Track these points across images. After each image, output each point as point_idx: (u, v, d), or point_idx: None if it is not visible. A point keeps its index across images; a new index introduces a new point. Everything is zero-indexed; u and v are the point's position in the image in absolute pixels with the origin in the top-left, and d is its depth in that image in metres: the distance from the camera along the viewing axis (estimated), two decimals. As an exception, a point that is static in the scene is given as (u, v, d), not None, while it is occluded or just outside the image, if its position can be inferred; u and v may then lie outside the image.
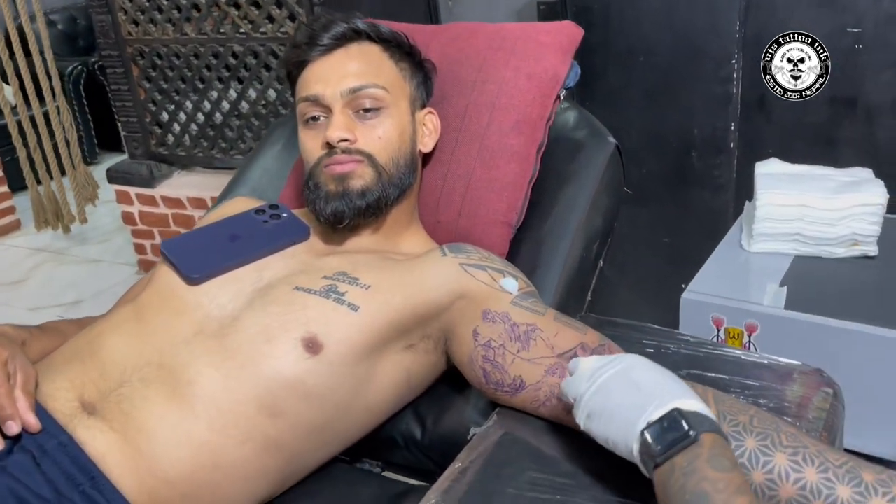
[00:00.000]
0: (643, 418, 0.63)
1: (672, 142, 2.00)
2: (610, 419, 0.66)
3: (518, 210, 1.06)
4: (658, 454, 0.61)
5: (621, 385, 0.67)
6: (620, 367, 0.68)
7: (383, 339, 0.88)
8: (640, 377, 0.67)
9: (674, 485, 0.59)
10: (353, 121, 0.96)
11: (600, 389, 0.67)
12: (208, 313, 0.89)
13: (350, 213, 0.94)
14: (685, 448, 0.60)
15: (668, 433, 0.61)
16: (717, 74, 1.88)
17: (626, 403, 0.65)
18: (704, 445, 0.60)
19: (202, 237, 0.97)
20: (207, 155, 2.52)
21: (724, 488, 0.57)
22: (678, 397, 0.64)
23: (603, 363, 0.70)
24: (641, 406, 0.64)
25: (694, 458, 0.59)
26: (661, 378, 0.67)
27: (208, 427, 0.80)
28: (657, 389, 0.65)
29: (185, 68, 2.41)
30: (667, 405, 0.63)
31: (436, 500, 0.74)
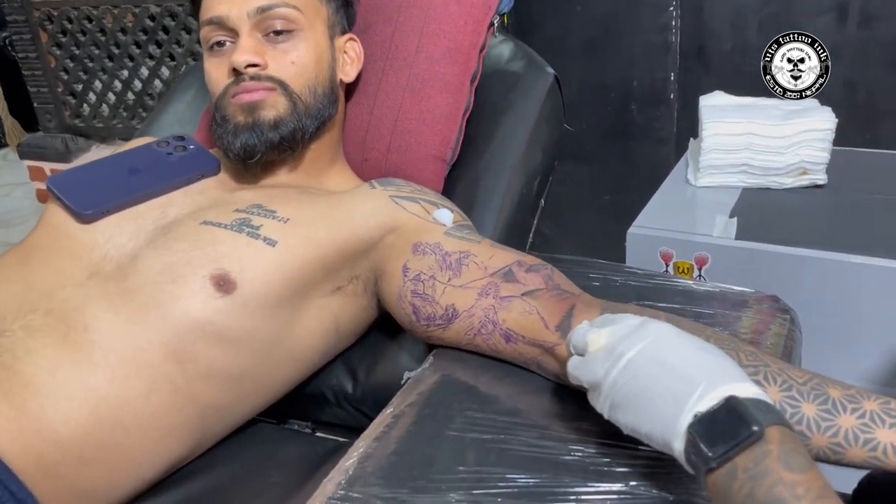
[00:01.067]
0: (687, 411, 0.50)
1: (611, 94, 1.95)
2: (641, 411, 0.53)
3: (452, 144, 0.98)
4: (714, 457, 0.48)
5: (651, 365, 0.53)
6: (646, 341, 0.55)
7: (306, 279, 0.79)
8: (674, 354, 0.54)
9: (738, 490, 0.47)
10: (262, 44, 0.86)
11: (625, 372, 0.54)
12: (105, 254, 0.79)
13: (262, 146, 0.84)
14: (749, 447, 0.48)
15: (724, 429, 0.48)
16: (655, 22, 1.84)
17: (662, 390, 0.52)
18: (773, 441, 0.47)
19: (96, 171, 0.86)
20: (127, 126, 2.37)
21: (805, 494, 0.45)
22: (730, 380, 0.51)
23: (620, 335, 0.56)
24: (683, 394, 0.51)
25: (762, 458, 0.47)
26: (702, 354, 0.54)
27: (107, 378, 0.71)
28: (700, 370, 0.52)
29: (99, 33, 2.26)
30: (718, 392, 0.50)
31: (364, 447, 0.66)
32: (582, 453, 0.63)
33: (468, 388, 0.72)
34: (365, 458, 0.64)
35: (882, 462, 0.56)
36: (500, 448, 0.63)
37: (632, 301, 0.83)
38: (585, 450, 0.63)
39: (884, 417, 0.56)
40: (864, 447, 0.56)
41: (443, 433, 0.66)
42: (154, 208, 0.83)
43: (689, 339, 0.56)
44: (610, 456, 0.61)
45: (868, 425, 0.56)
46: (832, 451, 0.57)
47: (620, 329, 0.57)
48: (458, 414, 0.68)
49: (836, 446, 0.57)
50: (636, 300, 0.84)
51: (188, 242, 0.77)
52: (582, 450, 0.63)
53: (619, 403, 0.55)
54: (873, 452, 0.56)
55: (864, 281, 1.02)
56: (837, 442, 0.57)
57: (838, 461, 0.58)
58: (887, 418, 0.56)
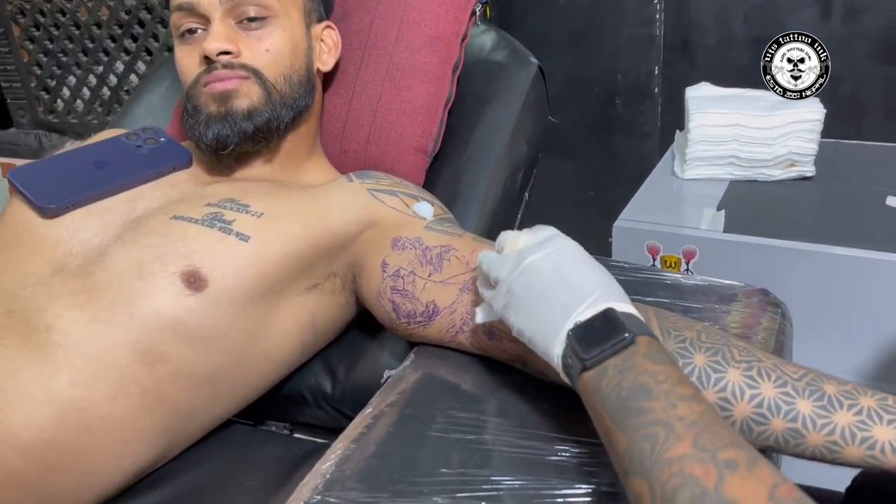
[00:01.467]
0: (571, 318, 0.54)
1: (595, 88, 1.93)
2: (530, 312, 0.57)
3: (434, 136, 0.95)
4: (590, 357, 0.52)
5: (549, 274, 0.57)
6: (550, 250, 0.58)
7: (281, 276, 0.76)
8: (571, 268, 0.57)
9: (606, 385, 0.51)
10: (235, 31, 0.83)
11: (524, 272, 0.57)
12: (70, 249, 0.75)
13: (235, 137, 0.81)
14: (620, 351, 0.52)
15: (600, 335, 0.53)
16: (640, 15, 1.82)
17: (552, 297, 0.56)
18: (641, 345, 0.52)
19: (60, 164, 0.82)
20: (102, 122, 2.32)
21: (665, 379, 0.49)
22: (612, 299, 0.55)
23: (533, 242, 0.60)
24: (569, 304, 0.55)
25: (630, 356, 0.51)
26: (595, 274, 0.57)
27: (72, 380, 0.67)
28: (589, 286, 0.56)
29: (73, 26, 2.21)
30: (599, 307, 0.54)
31: (342, 450, 0.63)
32: (568, 453, 0.60)
33: (451, 387, 0.69)
34: (343, 461, 0.62)
35: (880, 461, 0.54)
36: (485, 449, 0.61)
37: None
38: (571, 449, 0.60)
39: (881, 414, 0.54)
40: (861, 445, 0.54)
41: (425, 434, 0.63)
42: (122, 202, 0.80)
43: (590, 260, 0.59)
44: (597, 455, 0.59)
45: (865, 422, 0.54)
46: (828, 450, 0.55)
47: (535, 237, 0.60)
48: (441, 413, 0.65)
49: (832, 444, 0.55)
50: (623, 294, 0.81)
51: (157, 238, 0.74)
52: (568, 449, 0.61)
53: (512, 304, 0.58)
54: (871, 451, 0.54)
55: (854, 273, 1.01)
56: (834, 440, 0.55)
57: (834, 460, 0.56)
58: (885, 415, 0.54)
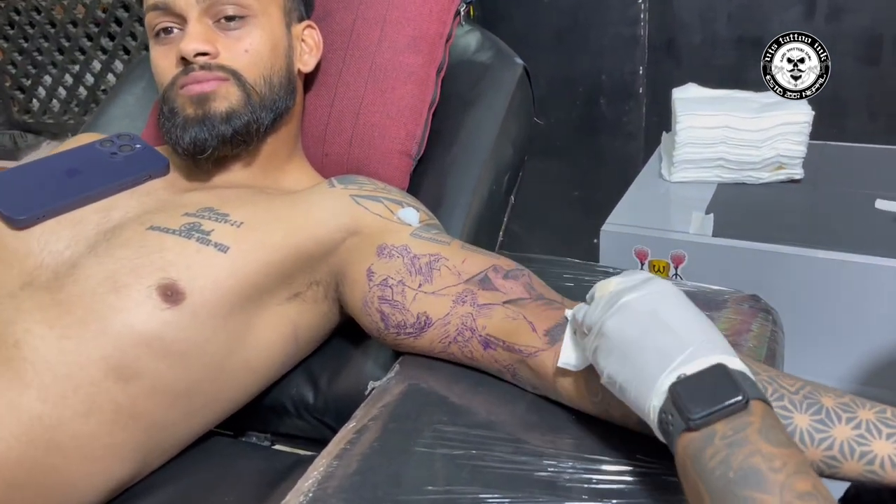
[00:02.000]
0: (673, 368, 0.48)
1: (580, 88, 1.92)
2: (623, 357, 0.51)
3: (418, 139, 0.93)
4: (695, 418, 0.46)
5: (645, 316, 0.51)
6: (647, 291, 0.53)
7: (261, 286, 0.74)
8: (672, 312, 0.52)
9: (711, 457, 0.45)
10: (213, 31, 0.80)
11: (618, 312, 0.52)
12: (40, 262, 0.72)
13: (213, 140, 0.78)
14: (731, 415, 0.46)
15: (709, 393, 0.47)
16: (624, 15, 1.81)
17: (649, 343, 0.50)
18: (755, 414, 0.45)
19: (30, 173, 0.80)
20: (79, 122, 2.29)
21: (782, 467, 0.43)
22: (721, 351, 0.49)
23: (626, 284, 0.54)
24: (669, 352, 0.49)
25: (742, 427, 0.45)
26: (699, 321, 0.51)
27: (41, 397, 0.64)
28: (693, 333, 0.50)
29: (48, 25, 2.17)
30: (707, 359, 0.48)
31: (325, 466, 0.61)
32: (557, 468, 0.58)
33: (438, 399, 0.67)
34: (326, 479, 0.59)
35: (879, 476, 0.52)
36: (473, 465, 0.59)
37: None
38: (562, 465, 0.59)
39: (881, 428, 0.52)
40: (860, 460, 0.52)
41: (410, 449, 0.61)
42: (96, 212, 0.77)
43: (689, 303, 0.53)
44: (588, 472, 0.57)
45: (864, 436, 0.52)
46: (827, 465, 0.54)
47: (628, 280, 0.55)
48: (427, 427, 0.63)
49: (831, 459, 0.53)
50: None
51: (133, 249, 0.71)
52: (558, 465, 0.59)
53: (603, 347, 0.53)
54: (870, 466, 0.52)
55: (844, 278, 1.00)
56: (832, 455, 0.53)
57: (833, 475, 0.54)
58: (884, 428, 0.52)
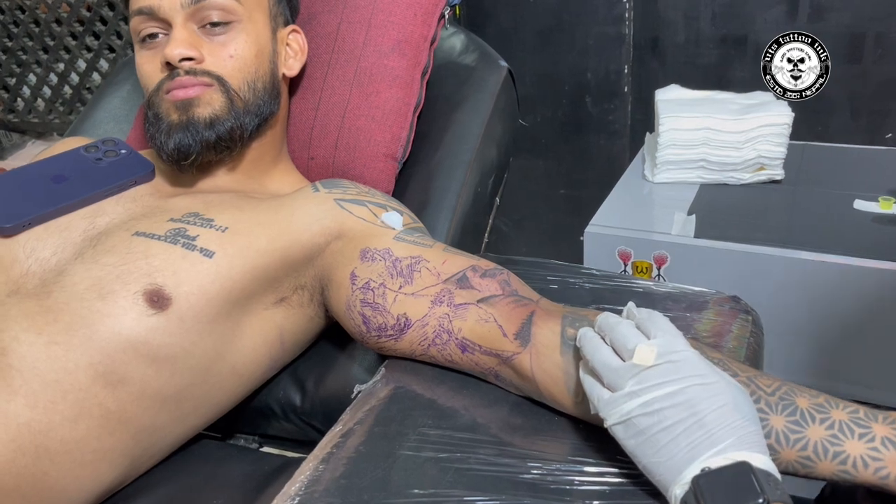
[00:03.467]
0: (700, 460, 0.50)
1: (565, 87, 1.93)
2: (652, 443, 0.52)
3: (403, 141, 0.94)
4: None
5: (682, 407, 0.51)
6: (688, 384, 0.52)
7: (247, 291, 0.74)
8: (709, 405, 0.51)
9: None
10: (198, 37, 0.80)
11: (652, 403, 0.52)
12: (27, 269, 0.73)
13: (197, 146, 0.79)
14: None
15: (730, 491, 0.48)
16: (609, 14, 1.81)
17: (681, 435, 0.51)
18: None
19: (16, 180, 0.79)
20: (64, 121, 2.28)
21: None
22: (749, 448, 0.50)
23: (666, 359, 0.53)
24: (699, 444, 0.50)
25: None
26: (736, 416, 0.51)
27: (29, 403, 0.65)
28: (726, 430, 0.50)
29: (32, 23, 2.15)
30: (733, 454, 0.49)
31: (311, 470, 0.61)
32: (542, 471, 0.59)
33: (422, 402, 0.68)
34: (312, 483, 0.60)
35: (852, 476, 0.54)
36: (457, 468, 0.60)
37: (590, 304, 0.80)
38: (546, 467, 0.60)
39: (853, 428, 0.54)
40: (833, 460, 0.54)
41: (395, 452, 0.62)
42: (82, 219, 0.77)
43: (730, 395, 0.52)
44: (571, 474, 0.58)
45: (837, 437, 0.54)
46: (801, 465, 0.55)
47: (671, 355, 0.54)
48: (412, 431, 0.64)
49: (805, 460, 0.55)
50: (594, 303, 0.81)
51: (119, 255, 0.71)
52: (542, 467, 0.60)
53: (632, 425, 0.53)
54: (843, 466, 0.53)
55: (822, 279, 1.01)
56: (807, 455, 0.54)
57: (808, 475, 0.56)
58: (857, 429, 0.54)
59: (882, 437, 0.53)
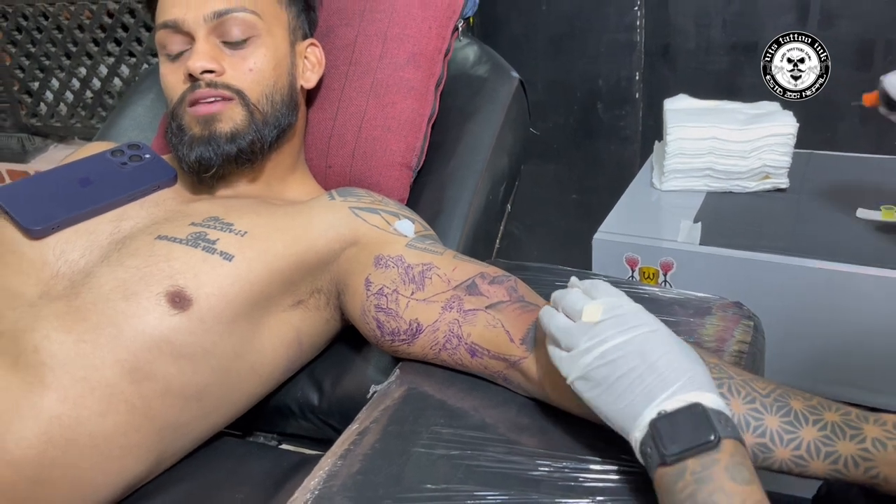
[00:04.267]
0: (655, 405, 0.53)
1: (577, 93, 1.95)
2: (610, 393, 0.55)
3: (417, 151, 0.97)
4: (669, 455, 0.50)
5: (633, 355, 0.55)
6: (635, 333, 0.56)
7: (265, 293, 0.78)
8: (657, 350, 0.55)
9: (681, 490, 0.50)
10: (219, 50, 0.84)
11: (608, 354, 0.55)
12: (56, 271, 0.76)
13: (217, 160, 0.82)
14: (702, 453, 0.50)
15: (684, 432, 0.51)
16: (620, 21, 1.84)
17: (635, 380, 0.54)
18: (724, 452, 0.50)
19: (45, 183, 0.83)
20: (86, 125, 2.31)
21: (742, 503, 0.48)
22: (701, 388, 0.53)
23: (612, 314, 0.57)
24: (653, 389, 0.53)
25: (710, 465, 0.49)
26: (683, 359, 0.55)
27: (60, 398, 0.68)
28: (676, 373, 0.54)
29: (55, 30, 2.20)
30: (686, 396, 0.52)
31: (329, 466, 0.65)
32: (549, 468, 0.62)
33: (434, 403, 0.71)
34: (330, 478, 0.63)
35: (844, 475, 0.56)
36: (468, 465, 0.63)
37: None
38: (553, 464, 0.62)
39: (845, 430, 0.56)
40: (825, 460, 0.56)
41: (409, 450, 0.65)
42: (107, 222, 0.81)
43: (676, 341, 0.57)
44: (577, 471, 0.61)
45: (830, 437, 0.56)
46: (795, 464, 0.58)
47: (616, 310, 0.57)
48: (425, 429, 0.67)
49: (799, 459, 0.57)
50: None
51: (142, 258, 0.75)
52: (549, 464, 0.62)
53: (590, 378, 0.56)
54: (835, 465, 0.56)
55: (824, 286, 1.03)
56: (800, 455, 0.57)
57: (801, 473, 0.58)
58: (848, 430, 0.56)
59: (872, 438, 0.56)
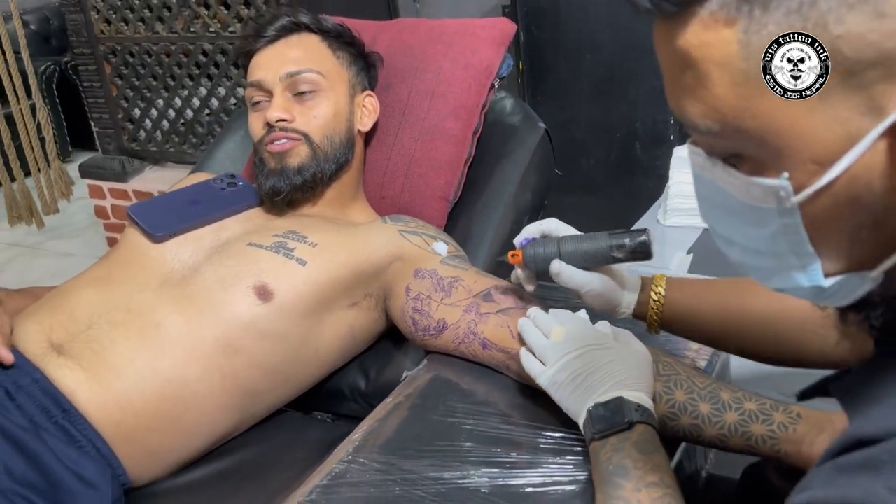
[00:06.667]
0: (592, 399, 0.73)
1: (617, 134, 2.13)
2: (566, 392, 0.76)
3: (455, 187, 1.18)
4: (596, 432, 0.70)
5: (583, 363, 0.75)
6: (584, 350, 0.76)
7: (329, 294, 0.99)
8: (598, 362, 0.75)
9: (604, 457, 0.69)
10: (291, 103, 1.07)
11: (564, 367, 0.76)
12: (172, 267, 1.00)
13: (286, 187, 1.05)
14: (619, 432, 0.69)
15: (609, 417, 0.71)
16: (656, 70, 2.01)
17: (581, 383, 0.74)
18: (636, 432, 0.69)
19: (165, 202, 1.08)
20: (178, 150, 2.57)
21: (642, 467, 0.66)
22: (628, 388, 0.73)
23: (570, 336, 0.78)
24: (593, 388, 0.73)
25: (624, 440, 0.69)
26: (618, 366, 0.74)
27: (172, 364, 0.91)
28: (610, 377, 0.74)
29: (157, 66, 2.46)
30: (614, 392, 0.72)
31: (368, 427, 0.85)
32: (531, 435, 0.81)
33: (453, 385, 0.91)
34: (368, 434, 0.84)
35: (756, 449, 0.73)
36: (471, 429, 0.82)
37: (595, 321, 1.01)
38: (533, 432, 0.81)
39: (759, 415, 0.73)
40: (742, 437, 0.74)
41: (429, 418, 0.85)
42: (211, 232, 1.04)
43: (615, 353, 0.76)
44: (549, 438, 0.80)
45: (746, 421, 0.74)
46: (720, 440, 0.75)
47: (573, 333, 0.79)
48: (442, 404, 0.87)
49: (722, 436, 0.75)
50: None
51: (236, 260, 0.97)
52: (531, 432, 0.81)
53: (556, 382, 0.77)
54: (748, 441, 0.73)
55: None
56: (724, 433, 0.74)
57: (725, 447, 0.76)
58: (761, 416, 0.73)
59: (779, 422, 0.73)
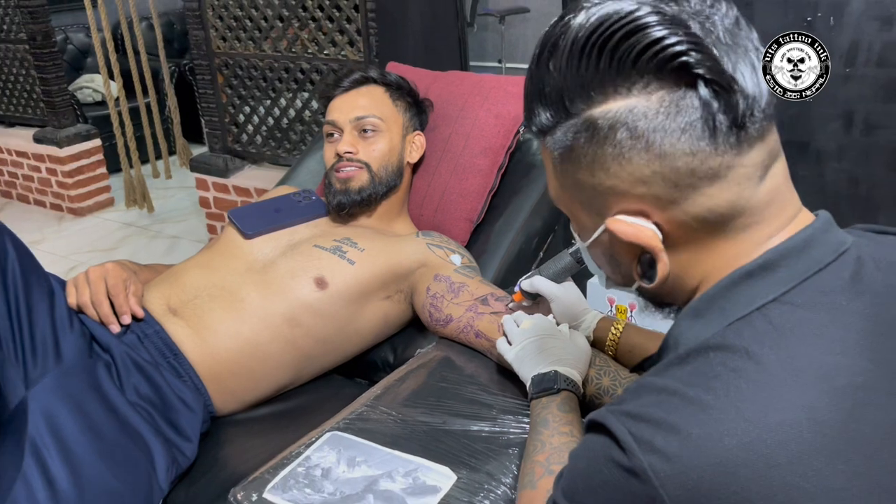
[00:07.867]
0: (535, 371, 0.98)
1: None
2: (522, 365, 1.02)
3: (478, 212, 1.48)
4: (533, 394, 0.96)
5: (537, 345, 1.02)
6: (538, 337, 1.03)
7: (370, 288, 1.31)
8: (547, 346, 1.01)
9: (536, 412, 0.93)
10: (357, 139, 1.39)
11: (524, 348, 1.03)
12: (256, 258, 1.34)
13: (348, 204, 1.37)
14: (549, 395, 0.94)
15: (543, 383, 0.96)
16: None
17: (531, 360, 1.00)
18: (561, 396, 0.93)
19: (256, 208, 1.42)
20: (274, 153, 2.91)
21: (560, 420, 0.89)
22: (563, 365, 0.98)
23: (532, 325, 1.05)
24: (537, 363, 0.99)
25: (551, 402, 0.93)
26: (560, 350, 1.00)
27: (250, 329, 1.24)
28: (551, 356, 0.99)
29: (261, 79, 2.79)
30: (553, 367, 0.97)
31: (385, 384, 1.16)
32: (500, 400, 1.09)
33: (451, 362, 1.21)
34: (385, 389, 1.14)
35: None
36: (456, 392, 1.11)
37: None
38: (502, 397, 1.09)
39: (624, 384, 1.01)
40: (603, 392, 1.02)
41: (429, 383, 1.15)
42: (287, 234, 1.37)
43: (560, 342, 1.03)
44: (511, 403, 1.08)
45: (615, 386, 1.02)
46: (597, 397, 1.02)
47: (535, 325, 1.06)
48: (440, 373, 1.17)
49: None
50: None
51: (303, 257, 1.30)
52: (500, 397, 1.09)
53: (517, 358, 1.04)
54: None
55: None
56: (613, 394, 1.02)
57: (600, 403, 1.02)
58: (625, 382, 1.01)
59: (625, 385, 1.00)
